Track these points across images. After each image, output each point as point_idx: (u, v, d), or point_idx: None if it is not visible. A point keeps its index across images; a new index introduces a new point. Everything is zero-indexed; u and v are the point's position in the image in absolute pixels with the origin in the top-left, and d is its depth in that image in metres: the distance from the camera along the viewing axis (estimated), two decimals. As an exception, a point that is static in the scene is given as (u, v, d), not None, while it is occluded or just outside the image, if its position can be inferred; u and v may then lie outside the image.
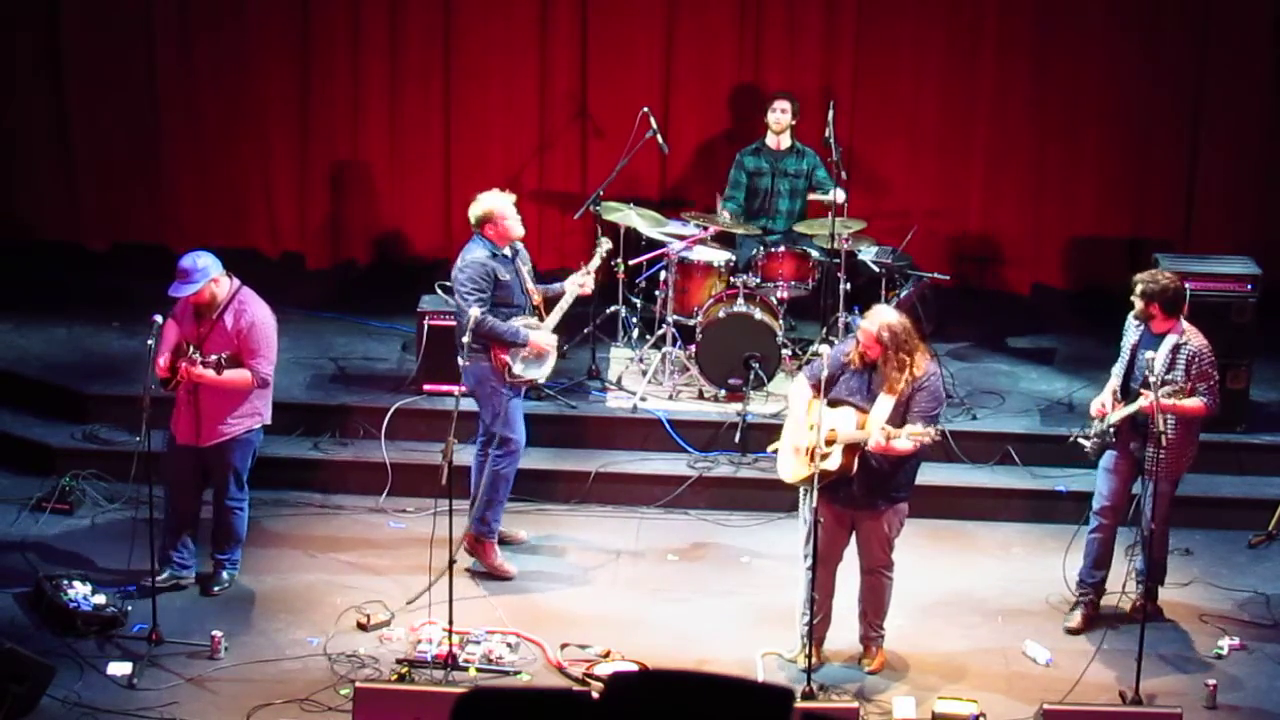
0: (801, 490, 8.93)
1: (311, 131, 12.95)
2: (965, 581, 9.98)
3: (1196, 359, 9.12)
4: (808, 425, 8.74)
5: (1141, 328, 9.27)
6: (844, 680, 8.92)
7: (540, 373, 9.80)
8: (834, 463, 8.61)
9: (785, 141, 11.88)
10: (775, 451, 9.15)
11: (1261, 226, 12.65)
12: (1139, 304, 9.21)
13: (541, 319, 9.73)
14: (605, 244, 10.30)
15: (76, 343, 11.95)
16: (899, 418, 8.57)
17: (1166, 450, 9.01)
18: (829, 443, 8.64)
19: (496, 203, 9.66)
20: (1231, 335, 10.79)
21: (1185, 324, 9.23)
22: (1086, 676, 8.88)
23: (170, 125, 12.94)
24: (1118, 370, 9.38)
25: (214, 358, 9.12)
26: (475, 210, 9.68)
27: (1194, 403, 9.06)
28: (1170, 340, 9.12)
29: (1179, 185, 12.81)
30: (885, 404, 8.62)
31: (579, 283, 9.94)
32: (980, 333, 12.46)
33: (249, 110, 12.91)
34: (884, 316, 8.71)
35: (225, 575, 9.64)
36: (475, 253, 9.56)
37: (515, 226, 9.68)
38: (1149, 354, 9.05)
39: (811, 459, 8.69)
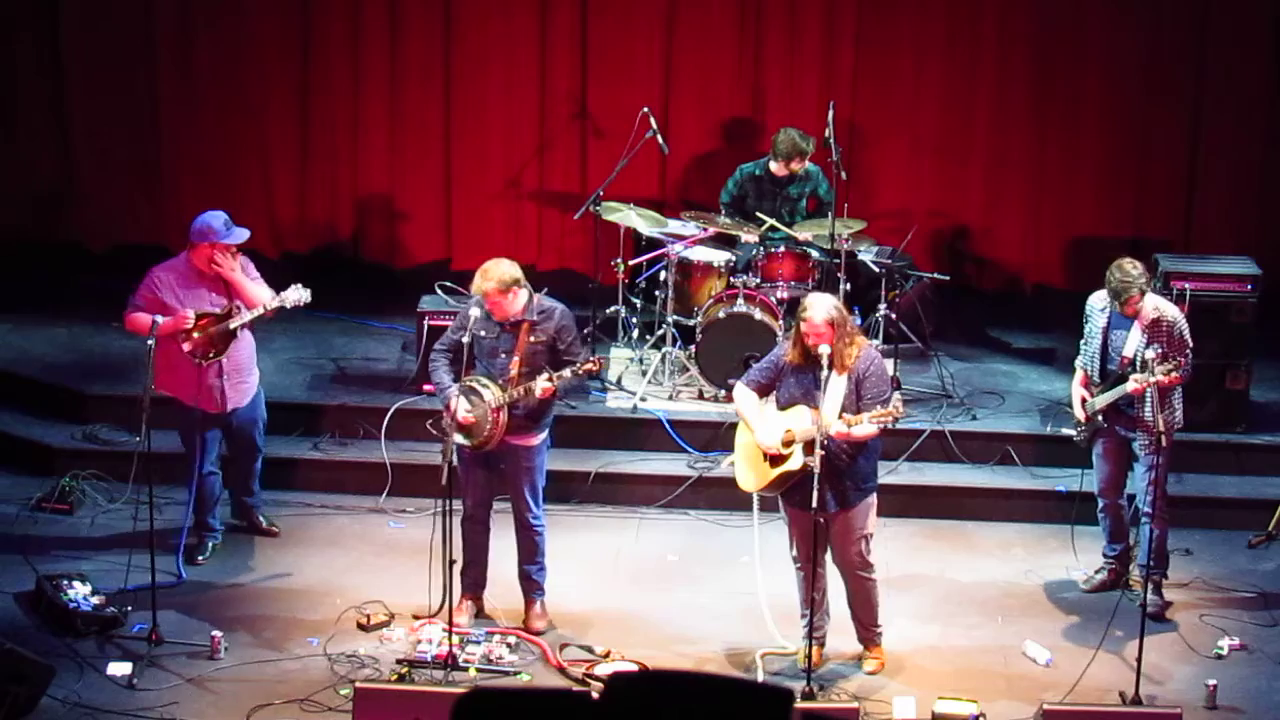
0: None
1: (311, 131, 12.94)
2: (965, 581, 9.98)
3: (1176, 325, 9.29)
4: (762, 429, 8.73)
5: (1108, 311, 9.34)
6: (844, 680, 8.92)
7: (456, 439, 9.01)
8: (796, 462, 8.57)
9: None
10: (731, 465, 9.17)
11: (1261, 226, 12.65)
12: (1128, 304, 9.25)
13: (502, 389, 8.97)
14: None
15: (76, 343, 11.95)
16: (853, 404, 8.57)
17: (1150, 426, 9.11)
18: (787, 444, 8.62)
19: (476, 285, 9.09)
20: (1231, 335, 10.80)
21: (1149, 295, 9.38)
22: (1086, 676, 8.89)
23: (170, 125, 12.93)
24: (1090, 356, 9.50)
25: (258, 309, 9.53)
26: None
27: (1176, 374, 9.14)
28: (1146, 315, 9.25)
29: (1179, 185, 12.80)
30: (837, 391, 8.57)
31: (542, 386, 8.99)
32: (980, 333, 12.46)
33: (249, 110, 12.90)
34: (826, 300, 8.71)
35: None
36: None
37: (492, 307, 9.05)
38: (1141, 351, 9.18)
39: (772, 464, 8.68)
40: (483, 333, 9.07)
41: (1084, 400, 9.52)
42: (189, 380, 9.56)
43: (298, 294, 9.56)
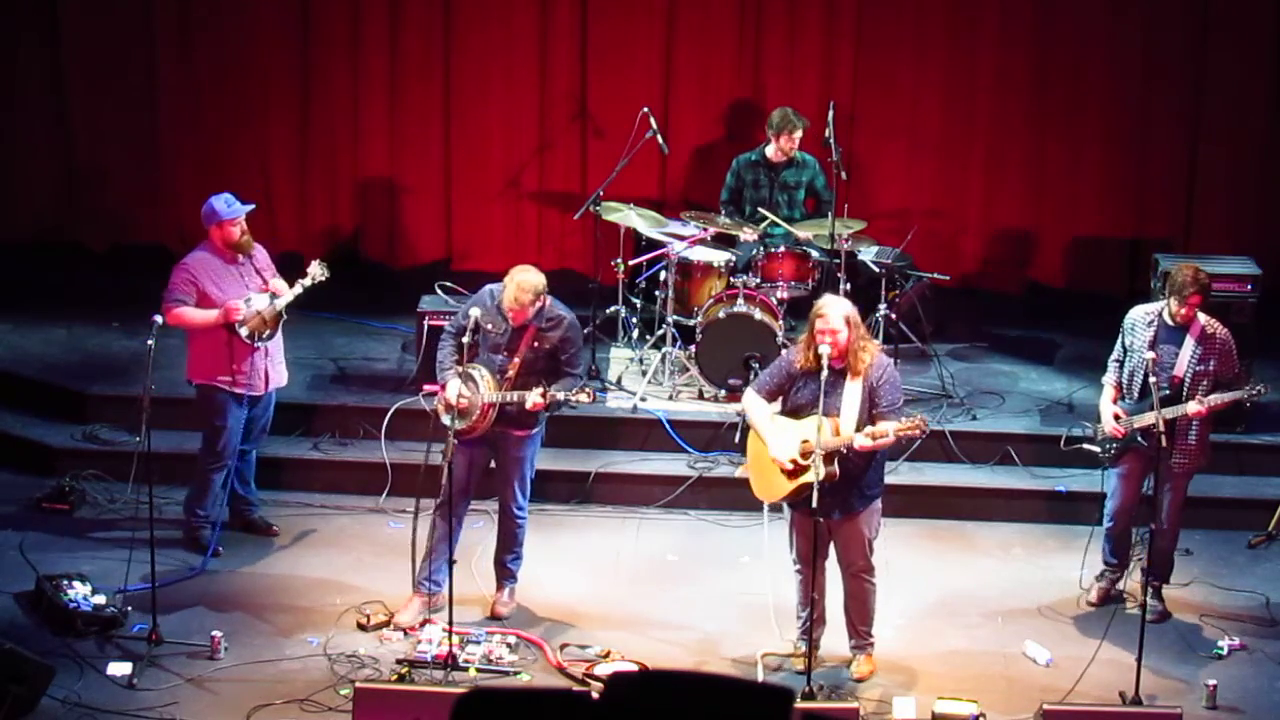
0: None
1: (311, 131, 12.95)
2: (965, 581, 9.98)
3: (1229, 342, 9.24)
4: (779, 437, 8.67)
5: (1155, 325, 9.25)
6: (843, 681, 8.92)
7: (445, 419, 9.06)
8: (816, 474, 8.47)
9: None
10: (745, 472, 9.13)
11: (1261, 226, 12.66)
12: (1188, 303, 9.12)
13: (512, 387, 9.05)
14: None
15: (76, 343, 11.95)
16: (866, 413, 8.55)
17: (1194, 449, 9.07)
18: (805, 455, 8.58)
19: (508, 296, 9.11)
20: (1231, 335, 10.78)
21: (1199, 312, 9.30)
22: (1086, 676, 8.88)
23: (170, 125, 12.94)
24: (1132, 370, 9.35)
25: (297, 289, 9.76)
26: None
27: (1233, 393, 9.12)
28: (1199, 328, 9.18)
29: (1179, 185, 12.81)
30: (853, 399, 8.55)
31: (533, 400, 9.01)
32: (980, 333, 12.46)
33: (249, 110, 12.91)
34: (840, 302, 8.70)
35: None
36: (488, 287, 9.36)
37: (515, 314, 9.11)
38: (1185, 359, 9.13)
39: (792, 475, 8.63)
40: (490, 326, 9.13)
41: (1117, 416, 9.38)
42: (239, 365, 9.67)
43: (321, 270, 9.90)
